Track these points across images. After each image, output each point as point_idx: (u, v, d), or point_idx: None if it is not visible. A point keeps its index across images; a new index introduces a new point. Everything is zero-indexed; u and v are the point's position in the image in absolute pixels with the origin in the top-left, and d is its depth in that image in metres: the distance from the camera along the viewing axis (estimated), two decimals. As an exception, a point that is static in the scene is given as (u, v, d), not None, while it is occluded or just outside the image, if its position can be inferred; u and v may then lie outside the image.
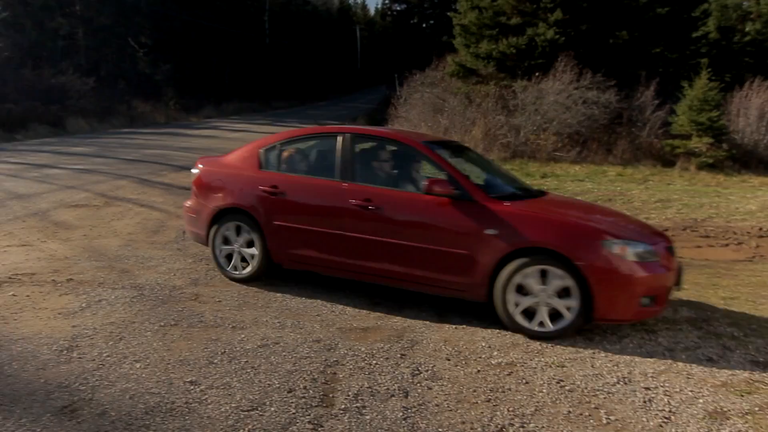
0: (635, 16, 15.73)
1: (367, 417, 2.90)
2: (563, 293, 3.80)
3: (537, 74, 14.84)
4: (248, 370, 3.32)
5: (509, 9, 15.82)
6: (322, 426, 2.81)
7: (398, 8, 58.17)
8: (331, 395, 3.10)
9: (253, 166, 4.86)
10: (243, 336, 3.79)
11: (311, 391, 3.12)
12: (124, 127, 19.48)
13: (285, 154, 4.94)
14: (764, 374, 3.49)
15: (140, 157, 11.74)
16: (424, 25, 52.32)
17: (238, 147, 5.36)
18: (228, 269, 4.87)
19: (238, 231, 4.80)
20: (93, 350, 3.48)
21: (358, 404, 3.01)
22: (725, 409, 3.05)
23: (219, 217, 4.85)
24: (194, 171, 5.22)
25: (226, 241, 4.86)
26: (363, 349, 3.68)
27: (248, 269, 4.79)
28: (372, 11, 70.21)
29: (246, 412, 2.89)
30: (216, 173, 5.03)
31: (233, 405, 2.95)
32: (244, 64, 36.37)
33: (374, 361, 3.51)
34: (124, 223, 6.59)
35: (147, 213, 7.07)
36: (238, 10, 35.74)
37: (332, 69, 49.85)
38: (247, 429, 2.74)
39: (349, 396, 3.09)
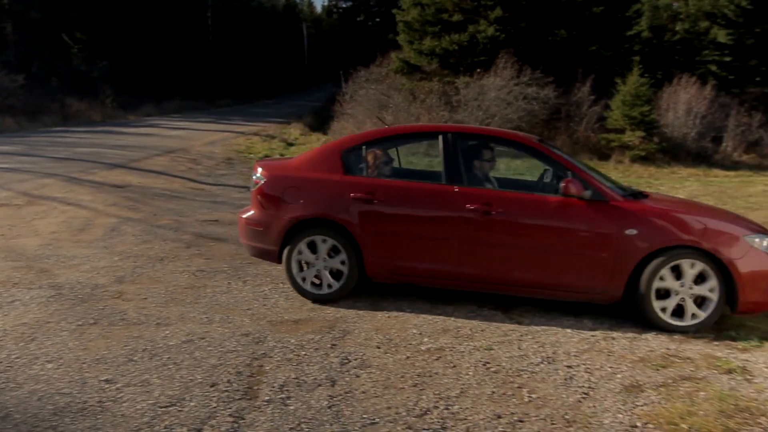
0: (572, 14, 16.22)
1: (291, 407, 2.84)
2: (703, 288, 3.84)
3: (479, 70, 15.06)
4: (170, 366, 3.20)
5: (451, 6, 16.00)
6: (243, 418, 2.73)
7: (344, 5, 58.05)
8: (255, 388, 3.03)
9: (335, 170, 4.31)
10: (167, 332, 3.66)
11: (235, 385, 3.04)
12: (57, 126, 18.56)
13: (373, 156, 4.46)
14: (679, 349, 3.64)
15: (71, 156, 11.21)
16: (370, 23, 52.36)
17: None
18: (307, 288, 4.30)
19: (323, 244, 4.25)
20: (0, 353, 3.27)
21: (282, 395, 2.95)
22: (641, 383, 3.16)
23: (296, 229, 4.27)
24: (256, 177, 4.50)
25: (305, 256, 4.29)
26: (293, 341, 3.62)
27: (335, 286, 4.26)
28: (319, 8, 69.77)
29: (163, 408, 2.78)
30: (289, 179, 4.38)
31: (150, 402, 2.83)
32: (186, 62, 35.36)
33: (303, 353, 3.45)
34: (47, 222, 6.26)
35: (73, 211, 6.74)
36: (179, 5, 34.73)
37: (279, 67, 49.17)
38: (163, 425, 2.64)
39: (274, 387, 3.02)
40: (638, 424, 2.75)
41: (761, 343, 3.76)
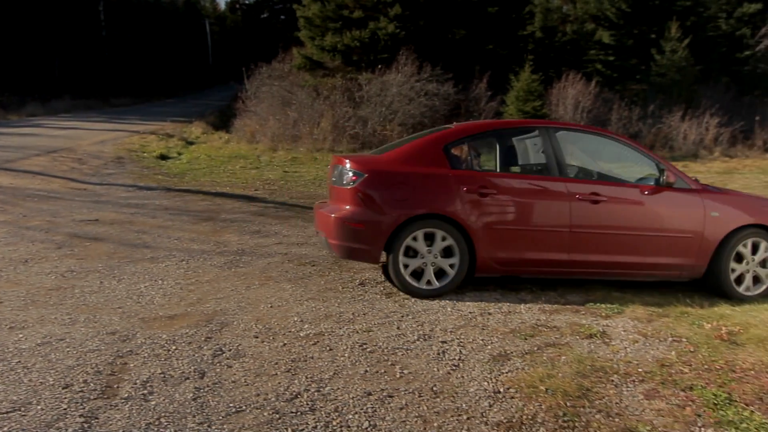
0: (469, 14, 16.78)
1: (152, 403, 2.69)
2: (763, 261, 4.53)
3: (380, 67, 15.20)
4: (18, 371, 2.93)
5: (351, 2, 16.03)
6: (96, 418, 2.55)
7: (248, 2, 56.71)
8: (115, 386, 2.83)
9: (440, 164, 4.27)
10: (21, 336, 3.35)
11: (92, 385, 2.83)
12: None
13: (475, 150, 4.57)
14: (549, 320, 3.83)
15: (-68, 158, 10.10)
16: (274, 20, 51.47)
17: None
18: (414, 284, 4.18)
19: (430, 240, 4.17)
20: None
21: (144, 391, 2.78)
22: (508, 352, 3.28)
23: (403, 227, 4.13)
24: (353, 173, 4.22)
25: (413, 254, 4.18)
26: (164, 336, 3.43)
27: (443, 282, 4.20)
28: (222, 5, 67.42)
29: (3, 415, 2.53)
30: (395, 175, 4.24)
31: (-12, 409, 2.57)
32: (77, 59, 33.00)
33: (174, 347, 3.28)
34: None
35: (-74, 215, 6.06)
36: (66, -3, 32.28)
37: (182, 65, 47.03)
38: (1, 432, 2.40)
39: (136, 384, 2.85)
40: (501, 389, 2.85)
41: (622, 310, 4.05)
